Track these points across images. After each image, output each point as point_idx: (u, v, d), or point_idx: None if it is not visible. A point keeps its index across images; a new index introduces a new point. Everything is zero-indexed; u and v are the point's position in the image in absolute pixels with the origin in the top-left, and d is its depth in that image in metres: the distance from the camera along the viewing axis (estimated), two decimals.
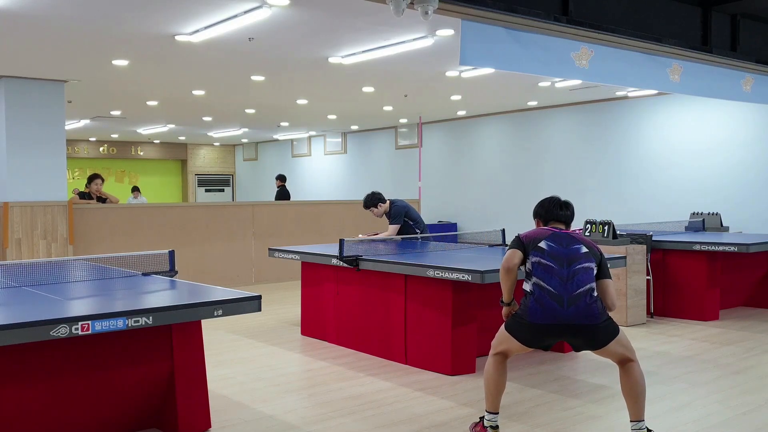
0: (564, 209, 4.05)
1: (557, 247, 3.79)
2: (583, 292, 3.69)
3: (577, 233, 3.96)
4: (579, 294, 3.67)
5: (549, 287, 3.70)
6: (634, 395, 3.73)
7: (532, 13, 4.79)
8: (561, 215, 4.02)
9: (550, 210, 4.04)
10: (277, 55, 7.87)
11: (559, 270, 3.72)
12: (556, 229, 3.93)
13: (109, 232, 9.36)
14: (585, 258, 3.78)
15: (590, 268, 3.77)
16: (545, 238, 3.85)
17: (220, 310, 3.71)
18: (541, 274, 3.74)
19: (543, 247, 3.80)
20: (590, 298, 3.70)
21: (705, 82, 6.45)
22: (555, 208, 4.04)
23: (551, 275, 3.72)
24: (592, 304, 3.69)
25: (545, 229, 3.93)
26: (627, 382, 3.76)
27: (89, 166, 18.99)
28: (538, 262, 3.77)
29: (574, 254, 3.77)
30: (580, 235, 3.94)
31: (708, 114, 10.71)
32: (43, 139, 8.90)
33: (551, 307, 3.66)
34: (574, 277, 3.70)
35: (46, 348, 3.56)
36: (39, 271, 5.05)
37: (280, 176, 14.08)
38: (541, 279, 3.73)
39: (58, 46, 7.26)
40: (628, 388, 3.75)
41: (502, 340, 3.88)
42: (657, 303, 7.46)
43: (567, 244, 3.82)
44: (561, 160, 12.84)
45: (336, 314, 6.35)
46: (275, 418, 4.31)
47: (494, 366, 3.87)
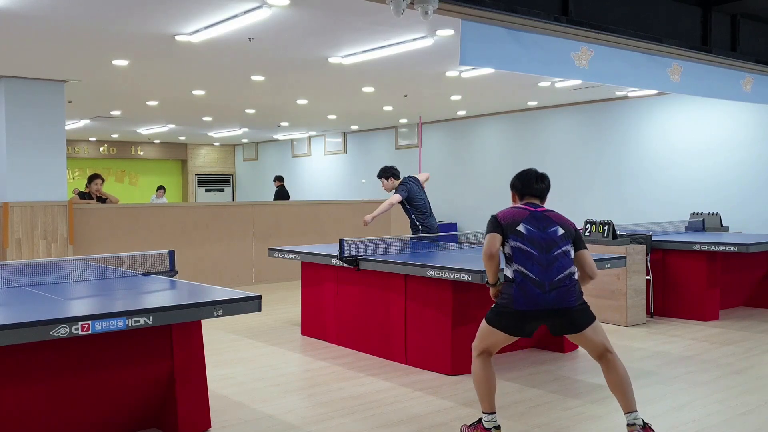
0: (540, 182, 4.07)
1: (536, 231, 3.84)
2: (564, 276, 3.77)
3: (551, 213, 3.98)
4: (560, 279, 3.76)
5: (531, 274, 3.75)
6: (622, 388, 3.78)
7: (532, 13, 4.79)
8: (536, 189, 4.05)
9: (527, 183, 4.07)
10: (277, 55, 7.87)
11: (539, 256, 3.78)
12: (531, 208, 3.95)
13: (109, 232, 9.36)
14: (563, 241, 3.85)
15: (568, 251, 3.85)
16: (523, 220, 3.87)
17: (220, 310, 3.71)
18: (522, 261, 3.79)
19: (522, 232, 3.83)
20: (570, 281, 3.79)
21: (705, 82, 6.45)
22: (531, 181, 4.07)
23: (532, 262, 3.77)
24: (572, 287, 3.79)
25: (522, 209, 3.94)
26: (612, 376, 3.81)
27: (89, 166, 18.99)
28: (518, 248, 3.81)
29: (551, 238, 3.84)
30: (555, 214, 3.98)
31: (708, 114, 10.71)
32: (43, 139, 8.90)
33: (534, 293, 3.73)
34: (554, 262, 3.78)
35: (46, 348, 3.56)
36: (39, 271, 5.05)
37: (279, 177, 14.12)
38: (522, 266, 3.78)
39: (58, 46, 7.26)
40: (615, 382, 3.81)
41: (484, 336, 3.91)
42: (657, 303, 7.46)
43: (544, 227, 3.86)
44: (561, 160, 12.84)
45: (336, 314, 6.35)
46: (275, 418, 4.31)
47: (481, 367, 3.88)
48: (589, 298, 7.24)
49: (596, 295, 7.11)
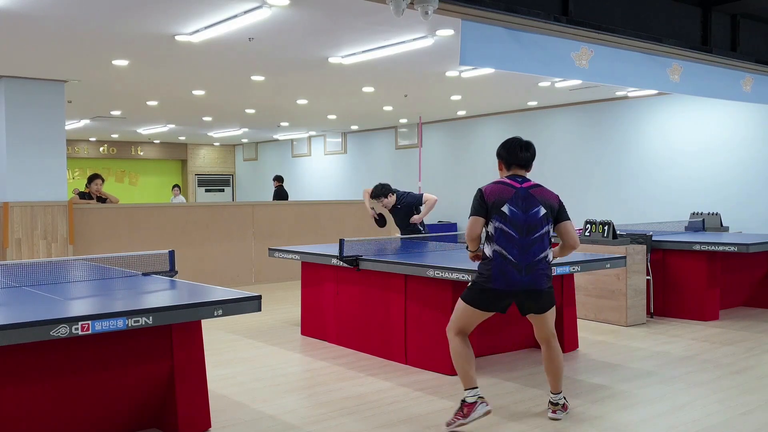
0: (524, 151, 4.19)
1: (518, 213, 4.00)
2: (539, 260, 4.02)
3: (536, 190, 4.09)
4: (535, 262, 4.00)
5: (510, 256, 3.98)
6: (557, 372, 4.23)
7: (532, 13, 4.79)
8: (521, 158, 4.17)
9: (512, 152, 4.20)
10: (277, 55, 7.87)
11: (519, 239, 3.98)
12: (516, 184, 4.08)
13: (109, 232, 9.36)
14: (543, 222, 4.03)
15: (547, 233, 4.06)
16: (508, 200, 4.01)
17: (220, 310, 3.71)
18: (503, 242, 3.99)
19: (505, 213, 4.00)
20: (544, 265, 4.05)
21: (705, 82, 6.45)
22: (516, 149, 4.20)
23: (512, 244, 3.98)
24: (546, 271, 4.05)
25: (508, 186, 4.07)
26: (551, 360, 4.22)
27: (89, 166, 18.99)
28: (501, 229, 4.00)
29: (533, 220, 4.01)
30: (539, 191, 4.09)
31: (708, 114, 10.70)
32: (43, 139, 8.90)
33: (511, 274, 3.98)
34: (532, 246, 3.99)
35: (46, 348, 3.56)
36: (39, 271, 5.05)
37: (278, 177, 14.09)
38: (502, 247, 3.99)
39: (58, 46, 7.26)
40: (553, 365, 4.22)
41: (459, 314, 4.12)
42: (657, 303, 7.46)
43: (527, 207, 4.02)
44: (561, 160, 12.84)
45: (336, 314, 6.35)
46: (275, 418, 4.31)
47: (461, 345, 4.09)
48: (589, 298, 7.29)
49: (596, 295, 7.11)
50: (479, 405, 4.00)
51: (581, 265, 5.50)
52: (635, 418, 4.27)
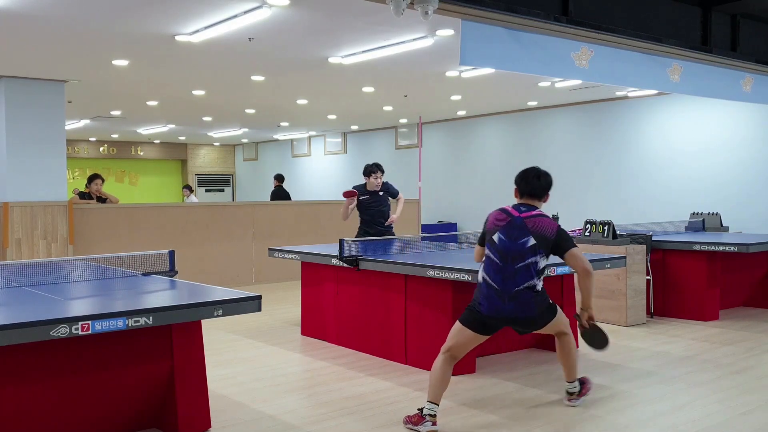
0: (536, 179, 4.25)
1: (507, 242, 4.07)
2: (522, 289, 4.04)
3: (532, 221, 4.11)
4: (518, 291, 4.04)
5: (493, 284, 4.07)
6: (567, 362, 4.42)
7: (532, 13, 4.79)
8: (532, 187, 4.24)
9: (524, 181, 4.29)
10: (277, 55, 7.87)
11: (503, 267, 4.05)
12: (515, 212, 4.15)
13: (109, 232, 9.36)
14: (530, 253, 4.04)
15: (534, 263, 4.06)
16: (500, 228, 4.12)
17: (220, 310, 3.71)
18: (488, 269, 4.11)
19: (495, 241, 4.11)
20: (528, 294, 4.06)
21: (705, 82, 6.45)
22: (528, 178, 4.27)
23: (496, 272, 4.07)
24: (531, 299, 4.07)
25: (505, 215, 4.16)
26: (563, 351, 4.41)
27: (89, 166, 18.98)
28: (488, 257, 4.13)
29: (519, 250, 4.05)
30: (534, 222, 4.11)
31: (708, 114, 10.70)
32: (43, 139, 8.90)
33: (494, 301, 4.06)
34: (515, 276, 4.03)
35: (46, 348, 3.56)
36: (39, 271, 5.05)
37: (278, 176, 13.97)
38: (487, 274, 4.11)
39: (58, 46, 7.26)
40: (562, 356, 4.42)
41: (454, 333, 4.19)
42: (657, 303, 7.46)
43: (517, 236, 4.07)
44: (561, 160, 12.83)
45: (336, 314, 6.35)
46: (275, 418, 4.31)
47: (441, 365, 4.10)
48: None
49: (596, 295, 7.11)
50: (426, 422, 4.02)
51: None
52: (635, 418, 4.27)
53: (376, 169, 7.39)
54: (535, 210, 4.18)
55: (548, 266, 5.18)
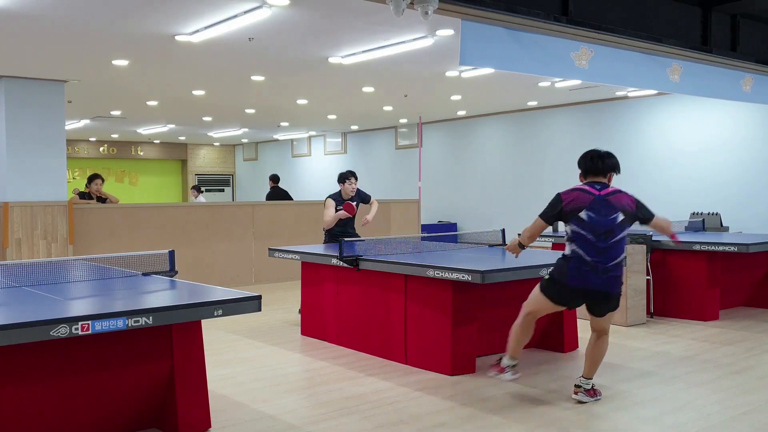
0: (601, 160, 4.36)
1: (596, 218, 4.17)
2: (616, 263, 4.22)
3: (614, 197, 4.25)
4: (612, 266, 4.20)
5: (587, 257, 4.18)
6: (595, 359, 4.49)
7: (532, 13, 4.79)
8: (599, 167, 4.35)
9: (589, 162, 4.39)
10: (277, 55, 7.87)
11: (596, 242, 4.16)
12: (595, 190, 4.25)
13: (109, 232, 9.36)
14: (621, 227, 4.19)
15: (624, 238, 4.26)
16: (586, 206, 4.19)
17: (220, 310, 3.71)
18: (581, 244, 4.19)
19: (584, 219, 4.18)
20: (619, 269, 4.25)
21: (705, 82, 6.45)
22: (594, 159, 4.38)
23: (590, 247, 4.17)
24: (620, 275, 4.26)
25: (586, 192, 4.25)
26: (595, 348, 4.48)
27: (89, 166, 18.99)
28: (579, 233, 4.20)
29: (611, 226, 4.17)
30: (617, 198, 4.24)
31: (708, 114, 10.70)
32: (43, 139, 8.90)
33: (587, 274, 4.19)
34: (609, 249, 4.18)
35: (46, 348, 3.56)
36: (39, 271, 5.05)
37: (273, 176, 13.83)
38: (580, 248, 4.20)
39: (58, 46, 7.26)
40: (594, 353, 4.49)
41: (534, 300, 4.45)
42: (657, 303, 7.46)
43: (606, 213, 4.18)
44: (561, 160, 12.83)
45: (336, 314, 6.35)
46: (275, 418, 4.31)
47: (523, 325, 4.49)
48: None
49: None
50: (508, 372, 4.54)
51: None
52: (635, 418, 4.27)
53: (350, 175, 7.50)
54: (609, 187, 4.31)
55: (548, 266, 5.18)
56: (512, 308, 5.70)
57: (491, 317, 5.57)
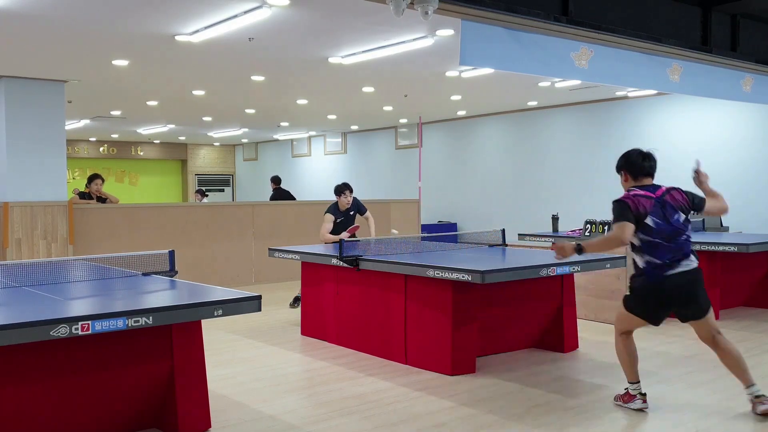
0: (648, 160, 4.24)
1: (663, 224, 4.05)
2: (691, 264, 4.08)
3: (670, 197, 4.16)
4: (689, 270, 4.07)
5: (661, 260, 4.03)
6: (737, 365, 4.19)
7: (532, 13, 4.79)
8: (647, 167, 4.23)
9: (636, 163, 4.22)
10: (277, 55, 7.87)
11: (667, 246, 4.04)
12: (652, 194, 4.11)
13: (109, 232, 9.36)
14: (684, 227, 4.10)
15: (690, 236, 4.17)
16: (650, 212, 4.05)
17: (220, 310, 3.71)
18: (652, 251, 4.04)
19: (651, 226, 4.04)
20: (697, 272, 4.12)
21: (705, 82, 6.45)
22: (640, 160, 4.23)
23: (661, 250, 4.03)
24: (699, 277, 4.12)
25: (645, 198, 4.09)
26: (725, 357, 4.21)
27: (89, 166, 18.98)
28: (649, 242, 4.05)
29: (677, 227, 4.08)
30: (673, 197, 4.17)
31: (708, 114, 10.70)
32: (43, 139, 8.90)
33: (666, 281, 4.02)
34: (680, 250, 4.07)
35: (46, 348, 3.56)
36: (39, 271, 5.05)
37: (275, 178, 13.79)
38: (652, 256, 4.05)
39: (58, 46, 7.26)
40: (729, 361, 4.21)
41: (622, 319, 4.31)
42: None
43: (669, 214, 4.08)
44: (561, 160, 12.84)
45: (336, 314, 6.35)
46: (275, 418, 4.31)
47: (622, 343, 4.33)
48: (589, 298, 7.29)
49: (596, 295, 7.11)
50: (637, 400, 4.30)
51: (581, 265, 5.49)
52: (635, 418, 4.27)
53: (345, 188, 7.86)
54: (660, 187, 4.21)
55: (548, 266, 5.18)
56: (512, 308, 5.72)
57: (491, 317, 5.57)
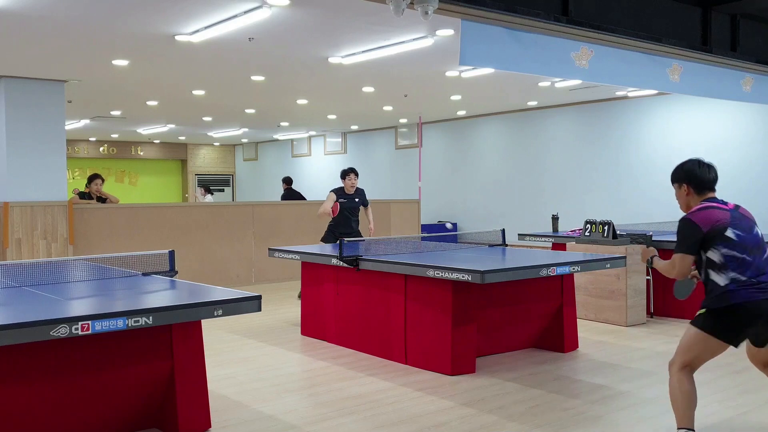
0: (712, 171, 3.79)
1: (744, 236, 3.59)
2: None
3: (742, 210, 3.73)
4: None
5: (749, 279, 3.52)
6: None
7: (532, 13, 4.79)
8: (712, 180, 3.77)
9: (703, 176, 3.75)
10: (277, 55, 7.87)
11: (751, 261, 3.56)
12: (724, 206, 3.67)
13: (109, 232, 9.36)
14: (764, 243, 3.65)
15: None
16: (729, 225, 3.58)
17: (220, 310, 3.71)
18: (736, 267, 3.54)
19: (732, 238, 3.57)
20: None
21: (705, 82, 6.44)
22: (705, 171, 3.76)
23: (747, 266, 3.54)
24: None
25: (720, 209, 3.64)
26: None
27: (89, 166, 19.00)
28: (732, 256, 3.55)
29: (758, 241, 3.62)
30: (745, 211, 3.74)
31: (708, 114, 10.70)
32: (43, 139, 8.90)
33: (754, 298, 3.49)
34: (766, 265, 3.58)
35: (46, 348, 3.56)
36: (39, 271, 5.05)
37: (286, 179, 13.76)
38: (738, 273, 3.54)
39: (58, 46, 7.26)
40: None
41: (691, 345, 3.60)
42: (657, 303, 7.46)
43: (749, 228, 3.63)
44: (561, 160, 12.84)
45: (336, 314, 6.35)
46: (275, 418, 4.31)
47: (684, 381, 3.59)
48: (589, 298, 7.29)
49: (596, 295, 7.11)
50: None
51: (581, 265, 5.50)
52: (635, 418, 4.27)
53: (350, 171, 8.14)
54: (728, 202, 3.75)
55: (548, 266, 5.19)
56: (512, 308, 5.72)
57: (491, 317, 5.57)
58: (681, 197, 3.91)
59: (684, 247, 3.65)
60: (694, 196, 3.81)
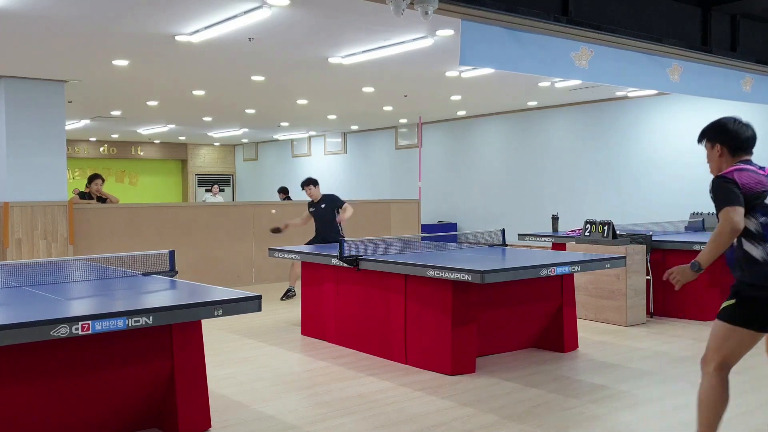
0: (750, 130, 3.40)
1: None
2: None
3: None
4: None
5: None
6: None
7: (532, 13, 4.79)
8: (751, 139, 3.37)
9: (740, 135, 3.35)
10: (277, 55, 7.87)
11: None
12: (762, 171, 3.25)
13: (109, 232, 9.35)
14: None
15: None
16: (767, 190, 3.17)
17: (220, 310, 3.71)
18: None
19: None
20: None
21: (705, 82, 6.45)
22: (743, 130, 3.36)
23: None
24: None
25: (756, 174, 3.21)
26: None
27: (89, 166, 19.00)
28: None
29: None
30: None
31: (708, 114, 10.67)
32: (43, 139, 8.90)
33: None
34: None
35: (46, 348, 3.56)
36: (39, 271, 5.05)
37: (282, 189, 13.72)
38: None
39: (58, 46, 7.27)
40: None
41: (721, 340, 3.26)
42: (657, 303, 7.46)
43: None
44: (561, 160, 12.84)
45: (336, 314, 6.35)
46: (275, 418, 4.31)
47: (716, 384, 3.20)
48: (589, 298, 7.29)
49: (596, 295, 7.11)
50: None
51: (581, 265, 5.50)
52: (635, 418, 4.27)
53: (306, 183, 8.38)
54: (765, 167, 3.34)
55: (548, 266, 5.19)
56: (512, 308, 5.72)
57: (491, 317, 5.57)
58: (712, 159, 3.45)
59: (729, 201, 3.14)
60: (727, 158, 3.38)
